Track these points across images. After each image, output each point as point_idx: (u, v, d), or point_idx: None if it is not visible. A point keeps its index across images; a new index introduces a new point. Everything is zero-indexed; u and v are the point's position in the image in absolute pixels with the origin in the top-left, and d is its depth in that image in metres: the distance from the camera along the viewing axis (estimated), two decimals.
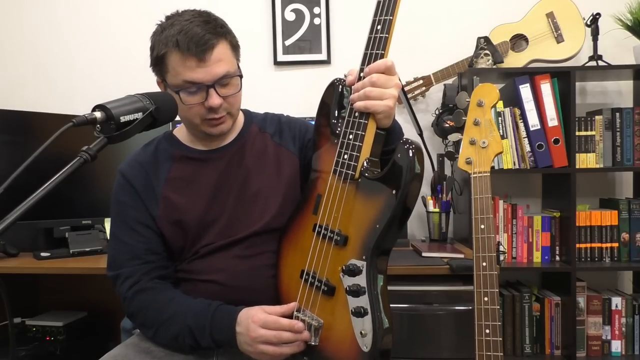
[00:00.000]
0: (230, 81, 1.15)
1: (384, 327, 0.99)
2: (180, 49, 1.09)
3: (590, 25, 2.17)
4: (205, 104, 1.13)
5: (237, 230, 1.20)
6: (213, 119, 1.16)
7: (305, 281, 1.11)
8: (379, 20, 1.03)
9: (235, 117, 1.22)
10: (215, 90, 1.12)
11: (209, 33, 1.10)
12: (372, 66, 1.03)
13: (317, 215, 1.10)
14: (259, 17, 2.47)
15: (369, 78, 1.02)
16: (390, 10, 1.03)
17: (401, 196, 0.98)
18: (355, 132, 1.05)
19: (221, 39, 1.13)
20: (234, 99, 1.17)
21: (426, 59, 2.35)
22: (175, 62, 1.12)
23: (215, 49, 1.11)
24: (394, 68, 1.04)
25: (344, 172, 1.05)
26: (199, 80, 1.11)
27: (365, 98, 1.02)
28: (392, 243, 1.06)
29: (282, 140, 1.27)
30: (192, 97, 1.13)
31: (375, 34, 1.04)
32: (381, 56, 1.03)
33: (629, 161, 2.11)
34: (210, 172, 1.23)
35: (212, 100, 1.12)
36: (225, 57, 1.14)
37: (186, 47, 1.09)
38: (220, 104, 1.13)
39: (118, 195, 1.25)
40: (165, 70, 1.15)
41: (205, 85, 1.12)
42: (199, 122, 1.17)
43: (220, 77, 1.12)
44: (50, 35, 2.52)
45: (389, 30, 1.03)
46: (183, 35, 1.09)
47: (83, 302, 2.28)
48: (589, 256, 2.12)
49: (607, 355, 2.12)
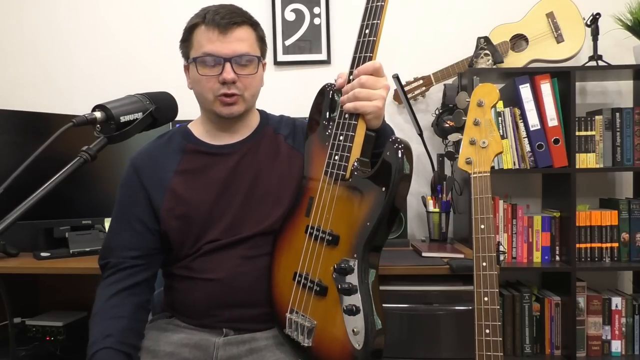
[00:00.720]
0: (249, 63, 1.18)
1: (376, 328, 0.99)
2: (206, 20, 1.15)
3: (590, 25, 2.17)
4: (220, 78, 1.15)
5: (243, 229, 1.20)
6: (225, 95, 1.17)
7: (298, 283, 1.11)
8: (367, 25, 1.07)
9: (248, 103, 1.22)
10: (231, 65, 1.15)
11: (238, 14, 1.17)
12: (360, 68, 1.06)
13: (310, 217, 1.10)
14: (258, 17, 2.42)
15: (358, 80, 1.05)
16: (377, 15, 1.06)
17: (390, 194, 0.98)
18: (345, 133, 1.06)
19: (247, 24, 1.19)
20: (249, 81, 1.19)
21: (426, 59, 2.35)
22: (199, 35, 1.17)
23: (239, 28, 1.16)
24: (382, 70, 1.06)
25: (335, 173, 1.07)
26: (216, 53, 1.15)
27: (355, 99, 1.04)
28: (382, 240, 1.06)
29: (295, 143, 1.28)
30: (208, 68, 1.17)
31: (364, 37, 1.07)
32: (370, 59, 1.06)
33: (629, 161, 2.11)
34: (221, 167, 1.23)
35: (226, 74, 1.15)
36: (248, 39, 1.18)
37: (212, 19, 1.14)
38: (233, 79, 1.15)
39: (123, 185, 1.26)
40: (191, 45, 1.19)
41: (222, 59, 1.15)
42: (212, 98, 1.18)
43: (239, 54, 1.16)
44: (50, 35, 2.52)
45: (376, 33, 1.06)
46: (212, 11, 1.16)
47: (83, 302, 2.27)
48: (589, 256, 2.12)
49: (607, 355, 2.12)
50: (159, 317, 1.33)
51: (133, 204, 1.22)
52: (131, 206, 1.23)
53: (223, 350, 1.19)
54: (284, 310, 1.12)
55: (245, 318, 1.19)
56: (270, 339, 1.20)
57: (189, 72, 1.23)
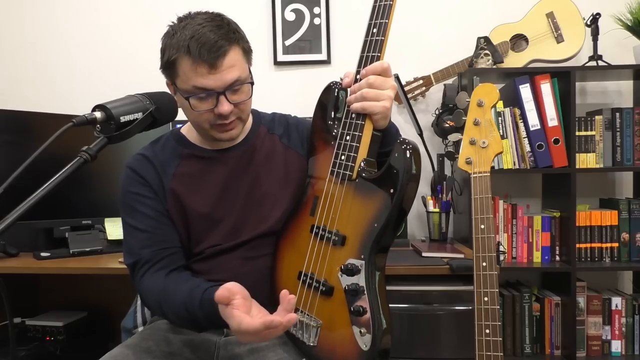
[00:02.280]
0: (241, 87, 1.13)
1: (382, 328, 0.99)
2: (191, 55, 1.06)
3: (590, 25, 2.17)
4: (215, 111, 1.12)
5: (243, 232, 1.20)
6: (223, 124, 1.15)
7: (303, 282, 1.11)
8: (375, 24, 1.06)
9: (245, 122, 1.21)
10: (225, 97, 1.11)
11: (222, 39, 1.08)
12: (368, 68, 1.04)
13: (315, 217, 1.10)
14: (259, 17, 2.47)
15: (366, 80, 1.04)
16: (385, 14, 1.05)
17: (398, 196, 0.98)
18: (352, 133, 1.06)
19: (234, 45, 1.10)
20: (245, 105, 1.16)
21: (426, 59, 2.35)
22: (186, 68, 1.09)
23: (228, 55, 1.09)
24: (390, 70, 1.05)
25: (342, 173, 1.06)
26: (209, 87, 1.09)
27: (362, 99, 1.03)
28: (390, 241, 1.06)
29: (290, 142, 1.27)
30: (202, 103, 1.12)
31: (372, 36, 1.06)
32: (377, 58, 1.05)
33: (629, 161, 2.11)
34: (219, 171, 1.22)
35: (222, 107, 1.11)
36: (238, 63, 1.11)
37: (198, 53, 1.06)
38: (230, 111, 1.12)
39: (129, 187, 1.21)
40: (176, 75, 1.12)
41: (215, 92, 1.10)
42: (208, 127, 1.16)
43: (231, 83, 1.10)
44: (50, 35, 2.52)
45: (384, 33, 1.05)
46: (195, 41, 1.06)
47: (83, 302, 2.28)
48: (589, 256, 2.12)
49: (607, 355, 2.12)
50: (159, 318, 1.33)
51: (147, 198, 1.20)
52: (146, 200, 1.20)
53: (224, 350, 1.19)
54: None
55: None
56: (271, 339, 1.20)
57: (175, 94, 1.17)
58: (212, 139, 1.21)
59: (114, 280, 2.10)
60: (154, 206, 1.20)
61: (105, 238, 2.11)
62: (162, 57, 1.13)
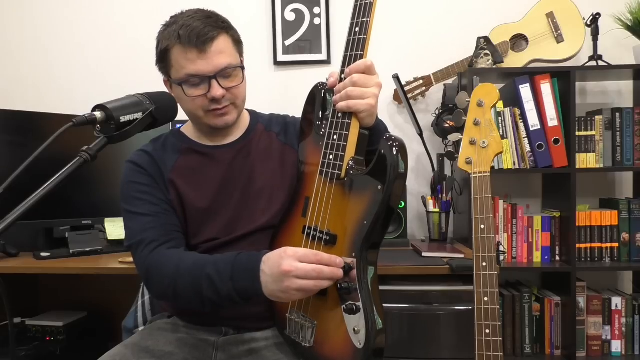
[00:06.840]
0: (233, 73, 1.17)
1: (377, 328, 0.99)
2: (181, 42, 1.12)
3: (590, 25, 2.17)
4: (208, 95, 1.15)
5: (240, 227, 1.20)
6: (216, 109, 1.17)
7: None
8: (357, 23, 1.07)
9: (240, 109, 1.23)
10: (217, 81, 1.14)
11: (209, 26, 1.13)
12: (352, 67, 1.05)
13: (306, 217, 1.10)
14: (258, 17, 2.47)
15: (350, 78, 1.04)
16: (367, 12, 1.06)
17: (386, 192, 0.98)
18: (339, 133, 1.06)
19: (222, 32, 1.15)
20: (238, 90, 1.19)
21: (426, 59, 2.35)
22: (177, 56, 1.14)
23: (216, 40, 1.14)
24: (373, 68, 1.06)
25: (330, 172, 1.06)
26: (200, 72, 1.13)
27: (347, 98, 1.04)
28: (380, 237, 1.06)
29: (287, 139, 1.28)
30: (195, 89, 1.15)
31: (354, 35, 1.06)
32: (360, 57, 1.05)
33: (629, 161, 2.11)
34: (217, 166, 1.24)
35: (214, 91, 1.14)
36: (227, 49, 1.16)
37: (187, 39, 1.12)
38: (222, 95, 1.15)
39: (130, 178, 1.22)
40: (170, 66, 1.17)
41: (207, 77, 1.14)
42: (203, 114, 1.19)
43: (222, 68, 1.14)
44: (50, 35, 2.52)
45: (366, 31, 1.05)
46: (185, 29, 1.12)
47: (83, 302, 2.28)
48: (589, 256, 2.12)
49: (607, 355, 2.12)
50: (158, 317, 1.34)
51: (150, 187, 1.21)
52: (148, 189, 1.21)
53: (222, 351, 1.19)
54: (284, 311, 1.12)
55: (245, 316, 1.19)
56: (270, 339, 1.20)
57: (171, 89, 1.22)
58: (208, 128, 1.23)
59: (114, 280, 2.10)
60: (156, 194, 1.21)
61: (105, 238, 2.11)
62: (156, 51, 1.20)
